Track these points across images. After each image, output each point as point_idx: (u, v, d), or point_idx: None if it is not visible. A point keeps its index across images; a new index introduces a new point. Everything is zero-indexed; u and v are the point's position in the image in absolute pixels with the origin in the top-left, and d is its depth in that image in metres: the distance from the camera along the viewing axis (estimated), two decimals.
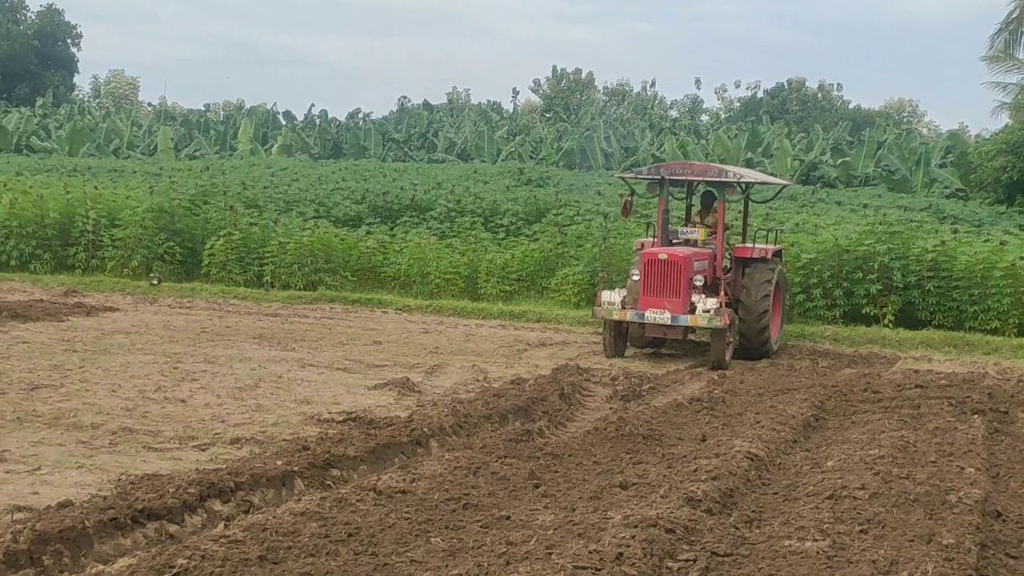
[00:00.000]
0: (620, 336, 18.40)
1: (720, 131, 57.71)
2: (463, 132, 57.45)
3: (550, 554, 7.23)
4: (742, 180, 18.80)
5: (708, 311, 17.31)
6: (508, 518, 8.35)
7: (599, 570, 6.85)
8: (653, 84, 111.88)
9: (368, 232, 26.77)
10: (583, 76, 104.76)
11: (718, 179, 18.71)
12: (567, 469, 10.06)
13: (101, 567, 6.81)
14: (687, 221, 20.32)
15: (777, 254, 19.43)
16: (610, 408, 13.43)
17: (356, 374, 14.89)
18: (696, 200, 20.57)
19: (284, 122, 64.33)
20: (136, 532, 7.62)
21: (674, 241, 19.00)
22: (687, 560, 7.53)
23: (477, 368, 15.96)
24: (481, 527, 8.08)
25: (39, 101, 68.41)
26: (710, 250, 18.69)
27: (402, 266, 24.76)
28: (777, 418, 12.34)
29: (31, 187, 28.09)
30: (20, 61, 74.78)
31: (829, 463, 10.47)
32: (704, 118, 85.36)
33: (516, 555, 7.31)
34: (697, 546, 7.78)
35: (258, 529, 7.41)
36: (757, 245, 19.36)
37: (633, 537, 7.51)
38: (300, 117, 67.88)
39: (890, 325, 21.32)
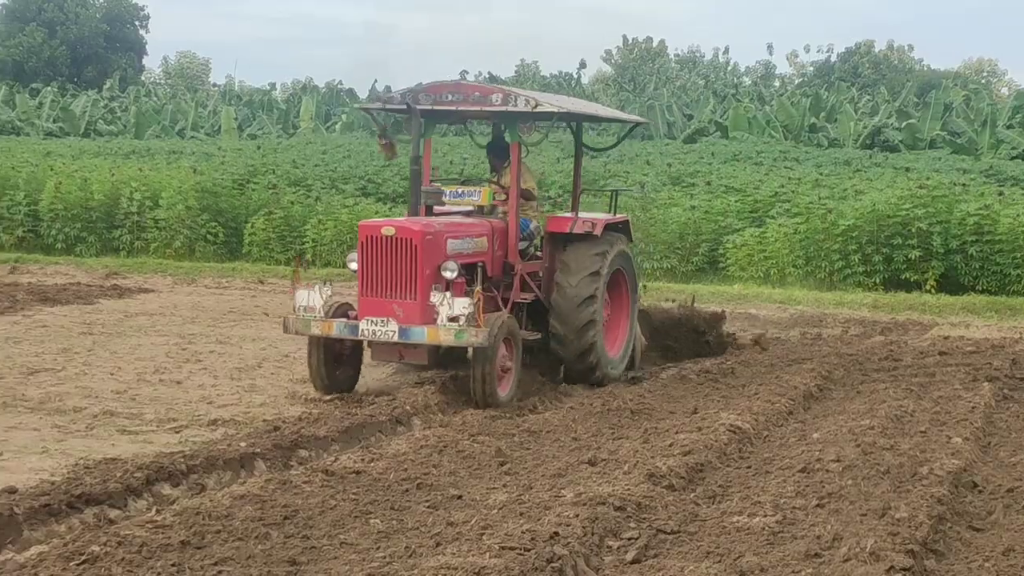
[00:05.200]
0: (334, 357, 12.11)
1: (783, 97, 56.86)
2: None
3: (482, 535, 7.10)
4: (541, 109, 12.45)
5: (455, 319, 11.29)
6: (460, 498, 8.24)
7: (528, 550, 6.71)
8: (726, 51, 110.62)
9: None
10: (654, 45, 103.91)
11: (499, 108, 12.54)
12: (541, 446, 9.91)
13: (12, 554, 6.79)
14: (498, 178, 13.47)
15: (619, 228, 13.89)
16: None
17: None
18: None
19: (348, 100, 64.44)
20: (72, 518, 7.57)
21: (436, 209, 12.93)
22: (629, 539, 7.38)
23: None
24: (428, 507, 7.97)
25: (107, 84, 69.22)
26: (498, 221, 12.84)
27: None
28: (776, 390, 12.10)
29: (76, 171, 28.35)
30: (88, 44, 75.66)
31: (815, 435, 10.23)
32: (776, 84, 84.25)
33: (448, 536, 7.19)
34: (645, 524, 7.62)
35: (190, 513, 7.34)
36: (582, 215, 13.58)
37: (576, 516, 7.37)
38: (364, 95, 68.00)
39: (932, 291, 20.87)
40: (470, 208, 13.03)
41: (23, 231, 26.19)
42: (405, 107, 12.71)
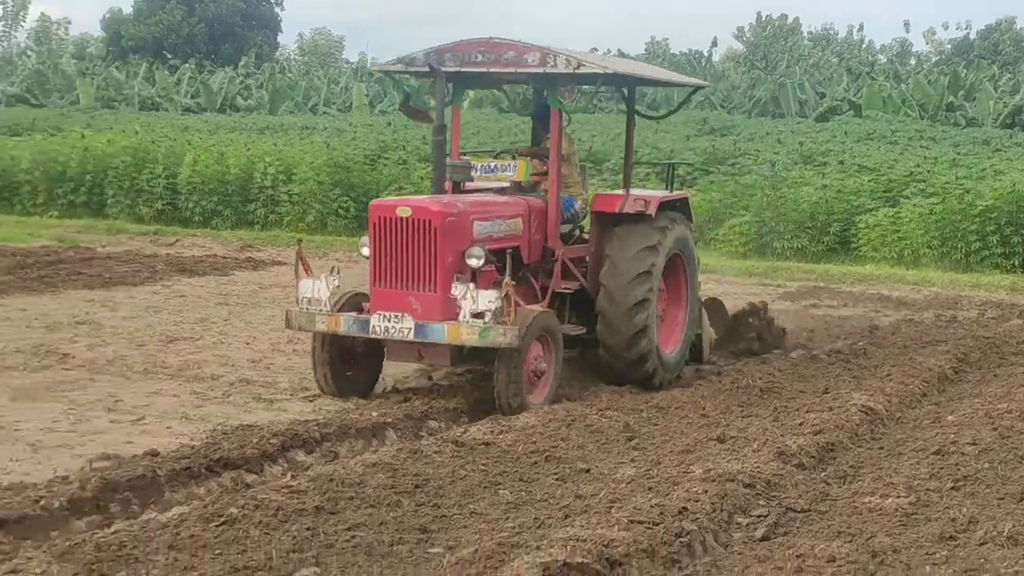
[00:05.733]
0: (341, 357, 10.74)
1: (919, 75, 55.69)
2: None
3: (611, 508, 7.12)
4: (584, 71, 11.07)
5: (480, 315, 9.94)
6: (588, 471, 8.28)
7: (656, 524, 6.73)
8: (860, 29, 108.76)
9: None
10: (788, 22, 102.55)
11: (536, 69, 11.15)
12: (669, 422, 9.89)
13: (155, 514, 7.00)
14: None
15: (676, 206, 12.34)
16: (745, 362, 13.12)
17: None
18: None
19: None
20: (211, 481, 7.83)
21: (466, 186, 11.55)
22: (758, 516, 7.34)
23: None
24: (556, 480, 8.02)
25: (242, 61, 70.40)
26: (536, 200, 11.40)
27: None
28: (910, 371, 11.89)
29: (212, 145, 28.90)
30: (225, 22, 76.96)
31: (950, 417, 10.05)
32: (912, 62, 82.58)
33: (576, 508, 7.24)
34: (774, 502, 7.58)
35: (324, 479, 7.49)
36: (634, 192, 12.10)
37: (705, 492, 7.36)
38: None
39: None
40: (505, 185, 11.56)
41: (162, 204, 26.74)
42: (428, 69, 11.22)
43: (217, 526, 6.60)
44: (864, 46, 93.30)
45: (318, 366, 10.65)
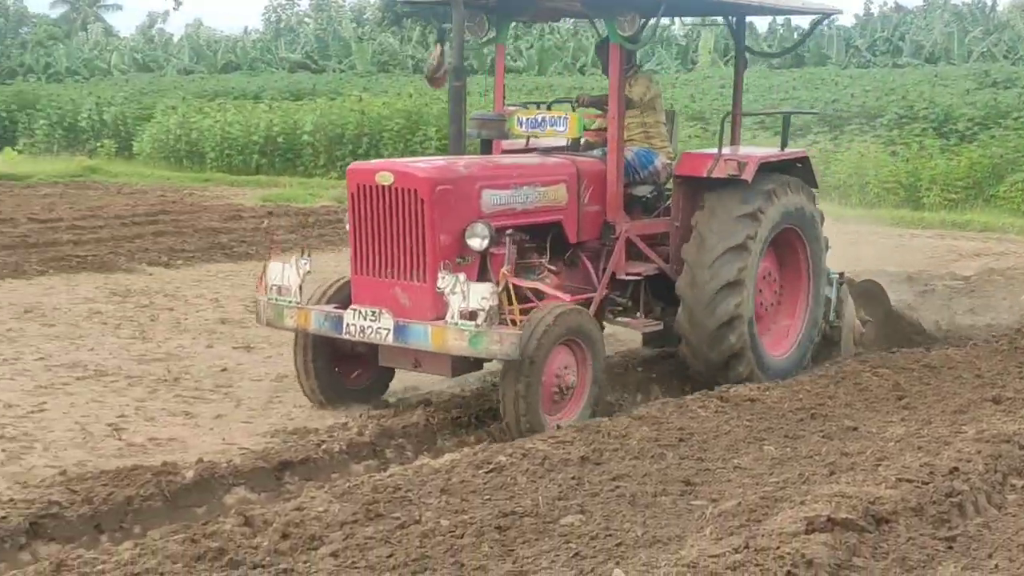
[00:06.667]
0: (325, 356, 8.85)
1: None
2: (932, 34, 54.87)
3: (878, 466, 7.03)
4: None
5: (471, 312, 7.83)
6: (855, 429, 8.17)
7: (925, 484, 6.59)
8: None
9: (814, 142, 26.33)
10: None
11: None
12: (941, 382, 9.63)
13: (428, 460, 7.29)
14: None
15: (792, 168, 10.04)
16: None
17: None
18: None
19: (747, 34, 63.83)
20: (481, 431, 8.11)
21: (505, 146, 9.67)
22: None
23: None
24: (822, 437, 7.95)
25: (512, 23, 71.13)
26: (592, 161, 9.38)
27: (841, 176, 24.22)
28: None
29: (483, 107, 29.39)
30: None
31: None
32: None
33: (842, 466, 7.16)
34: None
35: (590, 431, 7.66)
36: (726, 153, 9.54)
37: (978, 452, 7.16)
38: (764, 28, 67.14)
39: None
40: (563, 143, 9.63)
41: None
42: None
43: (486, 472, 6.84)
44: None
45: (300, 370, 8.80)
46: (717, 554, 5.39)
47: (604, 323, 9.35)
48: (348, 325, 8.22)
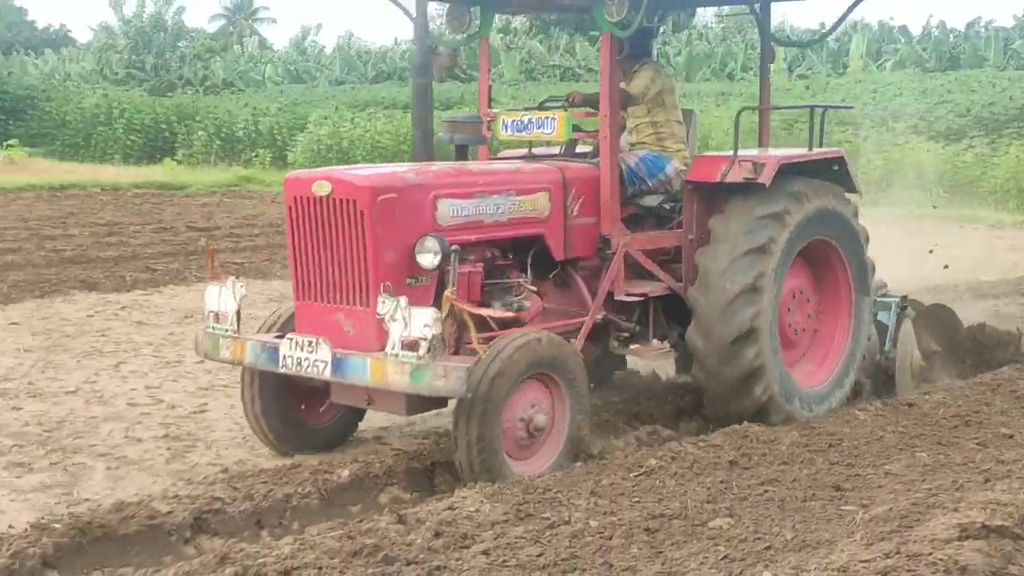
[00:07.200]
0: (280, 390, 7.83)
1: None
2: None
3: None
4: None
5: (413, 345, 6.80)
6: (1011, 437, 8.03)
7: None
8: None
9: (969, 146, 25.85)
10: None
11: None
12: None
13: (577, 464, 7.35)
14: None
15: (823, 169, 8.86)
16: None
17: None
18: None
19: (900, 37, 62.65)
20: (629, 435, 8.21)
21: (499, 154, 9.25)
22: None
23: None
24: (976, 444, 7.83)
25: (661, 29, 70.89)
26: (583, 167, 8.40)
27: (999, 180, 23.72)
28: None
29: None
30: None
31: None
32: None
33: (998, 473, 7.04)
34: None
35: (738, 435, 7.71)
36: (744, 153, 8.42)
37: None
38: (916, 31, 65.90)
39: None
40: (556, 149, 8.77)
41: None
42: None
43: (635, 475, 6.90)
44: None
45: (248, 410, 7.87)
46: (868, 559, 5.35)
47: (612, 351, 8.51)
48: (284, 357, 7.22)
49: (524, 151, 8.90)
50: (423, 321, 6.67)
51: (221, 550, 5.74)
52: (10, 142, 35.05)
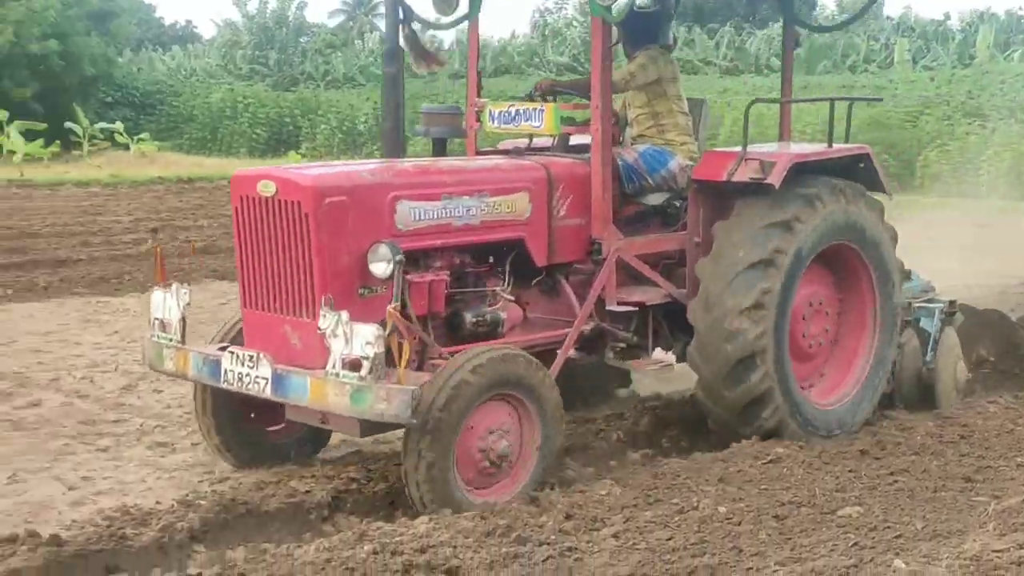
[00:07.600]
0: (234, 402, 7.13)
1: None
2: None
3: None
4: None
5: (353, 361, 6.16)
6: None
7: None
8: None
9: None
10: None
11: None
12: None
13: (704, 451, 7.41)
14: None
15: (848, 168, 8.01)
16: None
17: None
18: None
19: None
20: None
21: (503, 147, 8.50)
22: None
23: None
24: None
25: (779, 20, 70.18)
26: (574, 163, 7.66)
27: None
28: None
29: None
30: None
31: None
32: None
33: None
34: None
35: (874, 425, 7.85)
36: (754, 149, 7.69)
37: None
38: None
39: None
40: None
41: None
42: None
43: (763, 464, 6.96)
44: None
45: (201, 423, 7.33)
46: (1001, 549, 5.35)
47: (607, 362, 7.76)
48: (226, 372, 6.63)
49: (524, 143, 8.23)
50: (365, 338, 6.05)
51: (359, 528, 5.92)
52: (141, 136, 35.90)
